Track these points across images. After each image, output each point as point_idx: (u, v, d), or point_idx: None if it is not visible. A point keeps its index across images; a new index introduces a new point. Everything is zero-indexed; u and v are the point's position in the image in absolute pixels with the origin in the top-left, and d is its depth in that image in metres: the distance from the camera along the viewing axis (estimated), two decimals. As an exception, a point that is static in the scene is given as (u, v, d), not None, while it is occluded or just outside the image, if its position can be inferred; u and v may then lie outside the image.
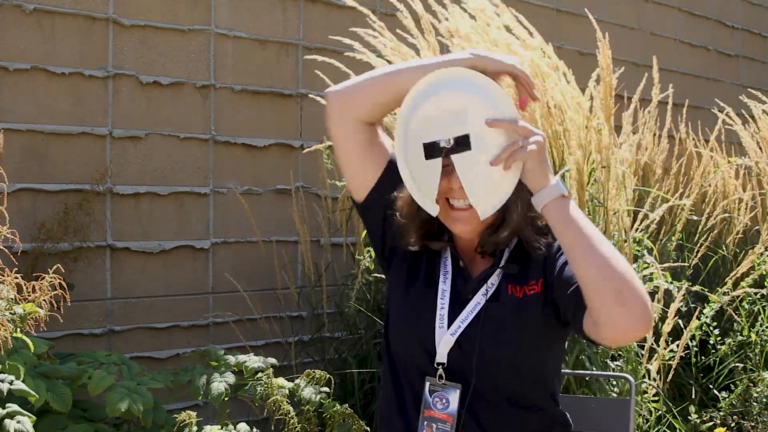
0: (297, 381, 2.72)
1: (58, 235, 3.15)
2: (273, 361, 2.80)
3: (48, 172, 3.20)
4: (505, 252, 1.84)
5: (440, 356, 1.79)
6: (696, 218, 4.19)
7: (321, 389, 2.69)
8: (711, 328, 3.69)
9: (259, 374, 2.71)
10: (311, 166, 3.77)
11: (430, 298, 1.84)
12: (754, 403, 3.62)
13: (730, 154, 4.76)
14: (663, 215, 3.77)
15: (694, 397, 3.79)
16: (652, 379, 3.22)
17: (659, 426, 3.28)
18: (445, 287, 1.84)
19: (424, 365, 1.81)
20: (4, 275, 2.34)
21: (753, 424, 3.60)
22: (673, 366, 3.35)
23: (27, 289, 2.35)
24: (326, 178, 3.63)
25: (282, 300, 3.70)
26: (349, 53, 3.27)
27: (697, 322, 3.48)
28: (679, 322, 3.61)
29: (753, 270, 3.73)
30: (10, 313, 2.28)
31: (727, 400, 3.63)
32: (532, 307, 1.81)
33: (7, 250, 2.40)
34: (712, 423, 3.58)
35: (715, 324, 3.75)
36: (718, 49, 6.22)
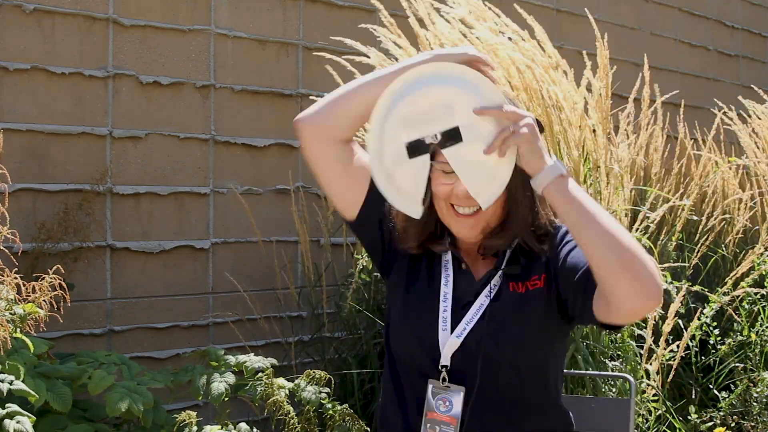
0: (297, 381, 2.72)
1: (58, 235, 3.15)
2: (273, 361, 2.80)
3: (48, 172, 3.20)
4: (507, 252, 1.84)
5: (444, 359, 1.78)
6: (696, 218, 4.20)
7: (321, 389, 2.69)
8: (711, 328, 3.69)
9: (259, 374, 2.71)
10: (311, 166, 3.77)
11: (432, 301, 1.83)
12: (754, 403, 3.62)
13: (730, 154, 4.75)
14: (664, 215, 3.77)
15: (694, 397, 3.79)
16: (651, 380, 3.22)
17: (659, 426, 3.28)
18: (447, 290, 1.83)
19: (426, 368, 1.81)
20: (4, 275, 2.34)
21: (753, 424, 3.60)
22: (673, 366, 3.35)
23: (27, 289, 2.35)
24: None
25: (282, 300, 3.70)
26: (349, 56, 3.27)
27: (697, 322, 3.48)
28: (679, 322, 3.62)
29: (753, 270, 3.73)
30: (10, 314, 2.28)
31: (727, 400, 3.63)
32: (534, 302, 1.81)
33: (7, 251, 2.40)
34: (712, 423, 3.58)
35: (715, 324, 3.75)
36: (718, 49, 6.22)
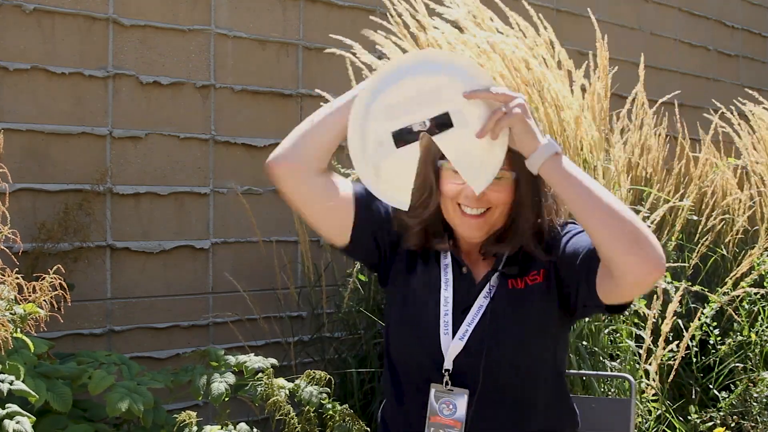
0: (297, 381, 2.72)
1: (59, 235, 3.15)
2: (273, 361, 2.80)
3: (48, 172, 3.20)
4: (505, 253, 1.84)
5: (447, 363, 1.78)
6: (696, 218, 4.20)
7: (321, 389, 2.69)
8: (711, 328, 3.69)
9: (259, 374, 2.71)
10: (311, 166, 3.76)
11: (432, 306, 1.83)
12: (754, 403, 3.62)
13: (729, 154, 4.76)
14: (664, 215, 3.77)
15: (694, 397, 3.79)
16: (651, 379, 3.22)
17: (659, 426, 3.28)
18: (447, 294, 1.83)
19: (428, 372, 1.80)
20: (4, 275, 2.34)
21: (753, 424, 3.60)
22: (674, 366, 3.35)
23: (27, 289, 2.35)
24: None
25: (282, 300, 3.70)
26: (345, 53, 3.27)
27: (697, 322, 3.48)
28: (679, 322, 3.62)
29: (753, 270, 3.73)
30: (11, 314, 2.28)
31: (727, 400, 3.63)
32: (533, 297, 1.81)
33: (8, 250, 2.40)
34: (712, 423, 3.58)
35: (715, 324, 3.75)
36: (718, 49, 6.22)
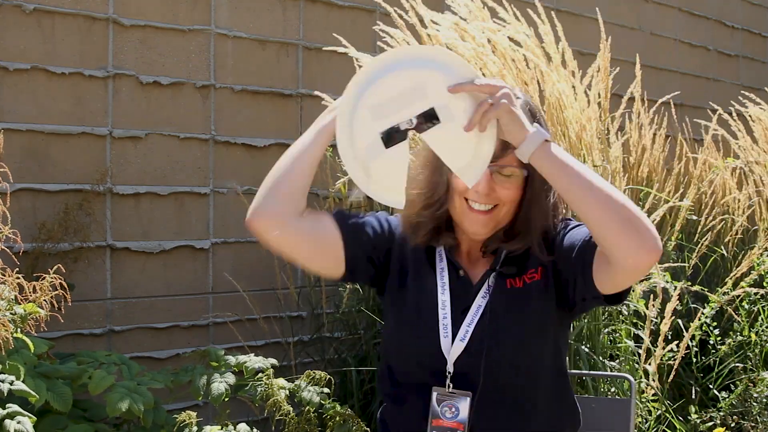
0: (297, 381, 2.72)
1: (59, 235, 3.15)
2: (273, 361, 2.80)
3: (48, 172, 3.20)
4: (503, 253, 1.84)
5: (449, 365, 1.78)
6: (695, 218, 4.20)
7: (321, 390, 2.69)
8: (711, 328, 3.69)
9: (259, 375, 2.71)
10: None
11: (430, 310, 1.82)
12: (754, 403, 3.62)
13: (729, 155, 4.76)
14: (664, 216, 3.78)
15: (694, 397, 3.79)
16: (651, 379, 3.23)
17: (659, 426, 3.28)
18: (444, 298, 1.82)
19: (429, 376, 1.80)
20: (5, 275, 2.34)
21: (753, 424, 3.60)
22: (674, 366, 3.35)
23: (28, 289, 2.35)
24: (326, 178, 3.63)
25: (282, 300, 3.70)
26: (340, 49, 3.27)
27: (697, 322, 3.48)
28: (679, 322, 3.62)
29: (752, 270, 3.73)
30: (11, 314, 2.28)
31: (727, 400, 3.63)
32: (532, 295, 1.81)
33: (8, 250, 2.40)
34: (712, 423, 3.58)
35: (715, 324, 3.75)
36: (718, 49, 6.22)
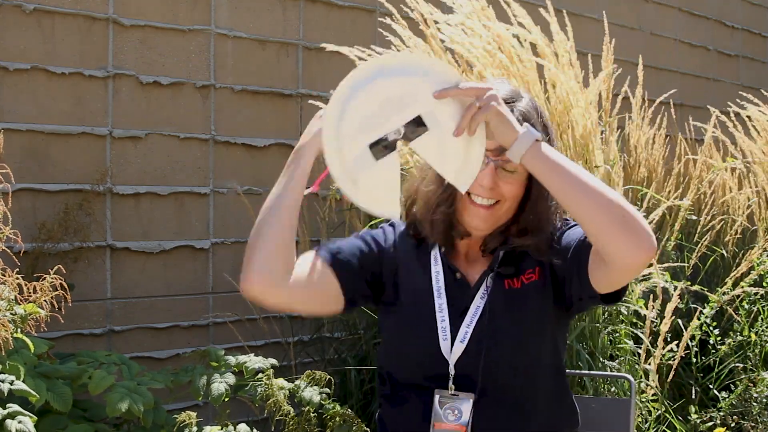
0: (297, 382, 2.72)
1: (59, 235, 3.15)
2: (273, 361, 2.80)
3: (48, 172, 3.20)
4: (500, 253, 1.84)
5: (450, 367, 1.77)
6: (695, 218, 4.20)
7: (322, 390, 2.69)
8: (711, 328, 3.70)
9: (259, 375, 2.71)
10: (311, 166, 3.76)
11: (426, 315, 1.82)
12: (754, 403, 3.62)
13: (729, 155, 4.76)
14: (664, 215, 3.78)
15: (694, 397, 3.79)
16: (651, 379, 3.23)
17: (659, 426, 3.28)
18: (441, 301, 1.81)
19: (430, 380, 1.79)
20: (5, 276, 2.34)
21: (753, 424, 3.60)
22: (673, 366, 3.35)
23: (28, 289, 2.35)
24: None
25: (282, 300, 3.70)
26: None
27: (697, 322, 3.48)
28: (679, 322, 3.62)
29: (752, 270, 3.73)
30: (11, 314, 2.28)
31: (727, 400, 3.63)
32: (530, 295, 1.80)
33: (9, 251, 2.40)
34: (712, 423, 3.58)
35: (715, 324, 3.75)
36: (718, 49, 6.22)
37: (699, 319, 3.52)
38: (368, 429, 2.67)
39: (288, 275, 1.72)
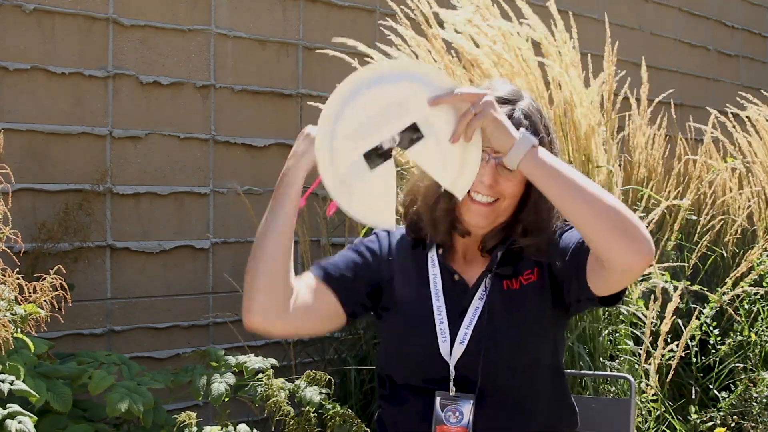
0: (297, 382, 2.72)
1: (59, 236, 3.15)
2: (273, 361, 2.80)
3: (48, 172, 3.20)
4: (499, 254, 1.83)
5: (450, 369, 1.77)
6: (695, 218, 4.20)
7: (321, 390, 2.69)
8: (711, 328, 3.70)
9: (259, 375, 2.72)
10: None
11: (425, 318, 1.81)
12: (754, 403, 3.62)
13: (728, 155, 4.76)
14: (664, 215, 3.78)
15: (694, 397, 3.79)
16: (651, 379, 3.23)
17: (659, 426, 3.28)
18: (439, 303, 1.81)
19: (430, 383, 1.79)
20: (5, 276, 2.34)
21: (753, 424, 3.60)
22: (673, 366, 3.35)
23: (28, 289, 2.35)
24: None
25: (282, 300, 3.69)
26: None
27: (697, 322, 3.48)
28: (679, 322, 3.62)
29: (752, 270, 3.73)
30: (11, 314, 2.28)
31: (727, 400, 3.63)
32: (529, 296, 1.80)
33: (9, 251, 2.40)
34: (712, 423, 3.58)
35: (715, 324, 3.75)
36: (718, 49, 6.22)
37: (699, 319, 3.52)
38: (368, 429, 2.67)
39: (288, 301, 1.73)
